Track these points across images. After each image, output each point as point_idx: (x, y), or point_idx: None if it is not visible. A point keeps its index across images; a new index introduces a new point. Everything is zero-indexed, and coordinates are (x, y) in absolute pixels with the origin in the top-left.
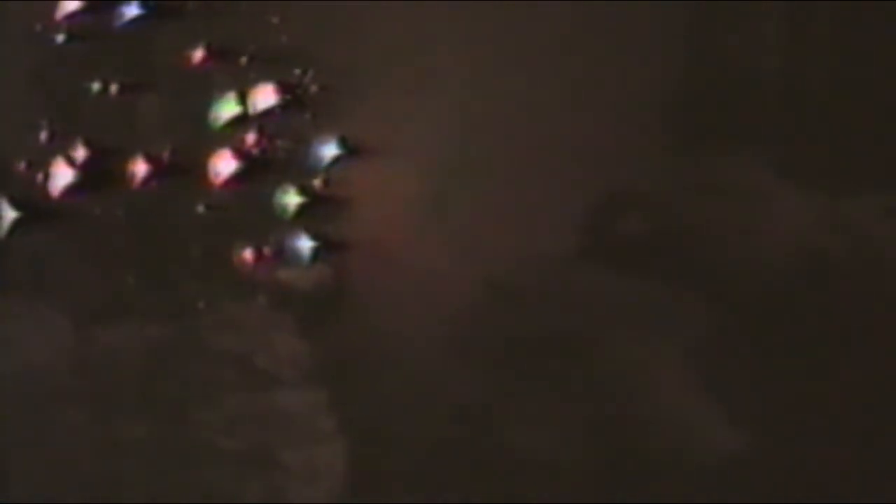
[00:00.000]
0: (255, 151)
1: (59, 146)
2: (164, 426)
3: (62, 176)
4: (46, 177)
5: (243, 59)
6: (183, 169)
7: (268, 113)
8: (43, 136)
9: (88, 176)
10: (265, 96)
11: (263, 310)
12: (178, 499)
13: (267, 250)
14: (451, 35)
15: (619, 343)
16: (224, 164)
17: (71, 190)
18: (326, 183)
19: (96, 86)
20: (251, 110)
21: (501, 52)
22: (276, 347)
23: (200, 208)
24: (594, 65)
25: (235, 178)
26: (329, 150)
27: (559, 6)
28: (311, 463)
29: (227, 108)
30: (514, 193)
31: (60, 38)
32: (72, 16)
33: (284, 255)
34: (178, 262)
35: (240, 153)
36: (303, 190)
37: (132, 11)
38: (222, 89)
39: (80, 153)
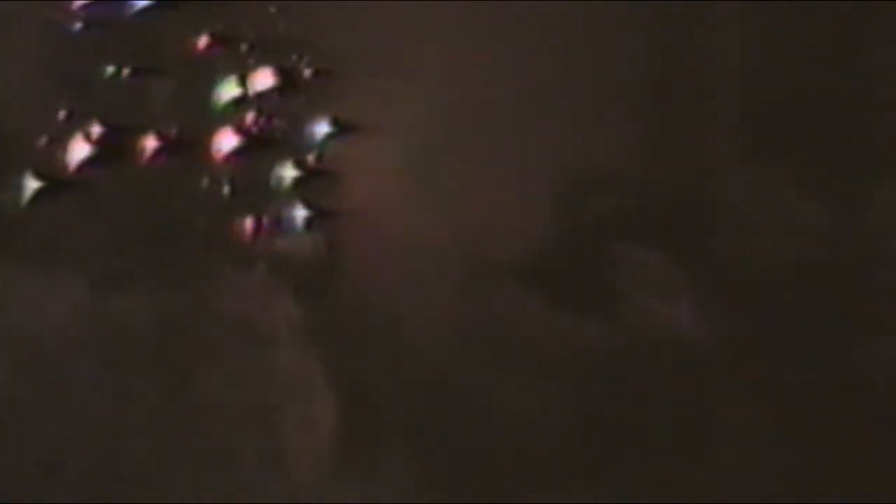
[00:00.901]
0: (254, 129)
1: (77, 124)
2: (170, 382)
3: (79, 151)
4: (64, 151)
5: (244, 46)
6: (188, 145)
7: (266, 94)
8: (61, 114)
9: (103, 151)
10: (264, 79)
11: (262, 276)
12: (183, 447)
13: (265, 220)
14: (437, 24)
15: (600, 310)
16: (226, 141)
17: (86, 164)
18: (319, 158)
19: (110, 69)
20: (251, 92)
21: (484, 40)
22: (273, 310)
23: (204, 181)
24: (575, 51)
25: (236, 154)
26: (322, 129)
27: None
28: (305, 416)
29: (229, 90)
30: (496, 170)
31: (77, 26)
32: (87, 6)
33: (281, 225)
34: (183, 231)
35: (240, 131)
36: (298, 165)
37: (142, 2)
38: (224, 73)
39: (96, 130)
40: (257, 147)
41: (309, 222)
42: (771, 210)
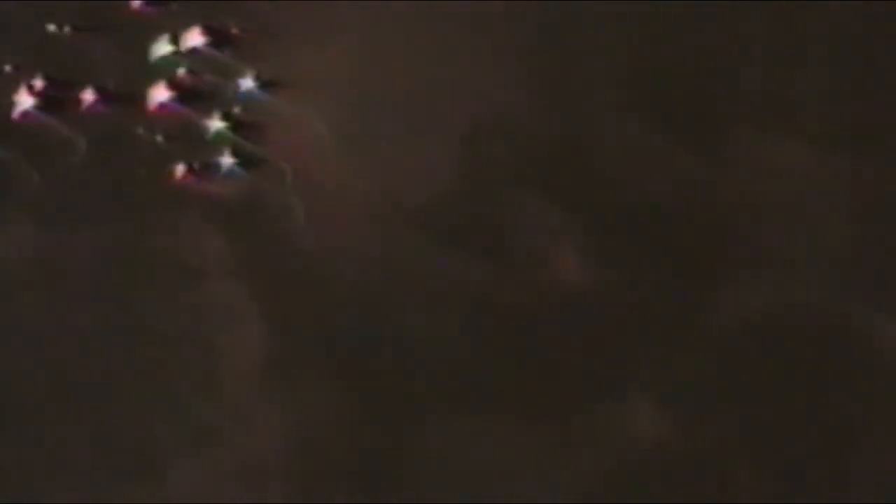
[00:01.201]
0: (185, 84)
1: (22, 77)
2: (110, 312)
3: (24, 102)
4: (11, 103)
5: (175, 7)
6: (125, 97)
7: (196, 52)
8: (8, 69)
9: (46, 103)
10: (194, 38)
11: (194, 216)
12: (123, 370)
13: (196, 167)
14: None
15: (492, 252)
16: (159, 94)
17: (31, 114)
18: (245, 110)
19: (52, 28)
20: (182, 49)
21: (399, 3)
22: (205, 247)
23: (140, 130)
24: (482, 12)
25: (169, 106)
26: (246, 83)
27: None
28: (235, 342)
29: (162, 48)
30: (407, 120)
31: None
32: None
33: (211, 170)
34: (122, 176)
35: (173, 85)
36: (225, 116)
37: None
38: (158, 32)
39: (39, 84)
40: (188, 100)
41: (235, 168)
42: (647, 157)
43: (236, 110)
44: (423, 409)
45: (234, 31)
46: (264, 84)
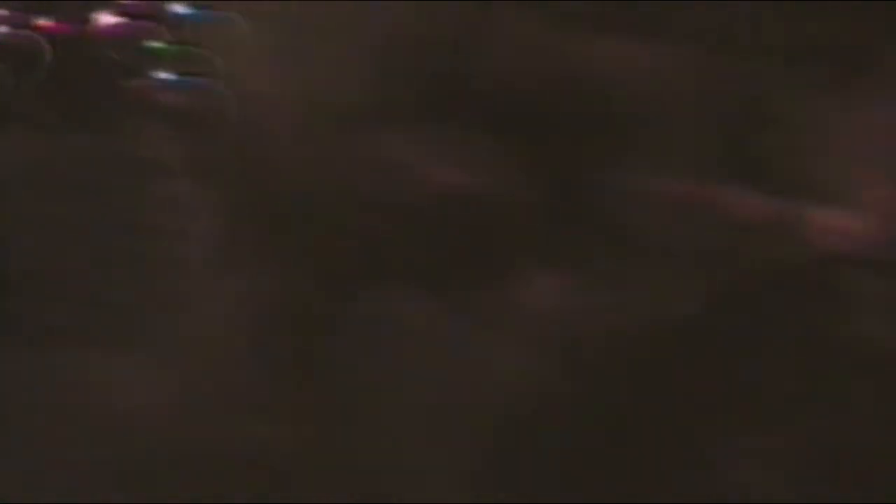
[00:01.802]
0: (134, 10)
1: None
2: (88, 205)
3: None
4: None
5: None
6: (80, 22)
7: None
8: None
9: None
10: None
11: (153, 122)
12: (102, 254)
13: (152, 81)
14: None
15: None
16: (106, 19)
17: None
18: (187, 32)
19: None
20: None
21: None
22: (164, 149)
23: (99, 52)
24: None
25: (120, 30)
26: (184, 9)
27: None
28: (197, 227)
29: None
30: (325, 36)
31: None
32: None
33: (162, 83)
34: (95, 92)
35: (123, 13)
36: (172, 37)
37: None
38: None
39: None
40: (138, 25)
41: (187, 81)
42: (523, 57)
43: (180, 32)
44: (358, 277)
45: None
46: (199, 8)
